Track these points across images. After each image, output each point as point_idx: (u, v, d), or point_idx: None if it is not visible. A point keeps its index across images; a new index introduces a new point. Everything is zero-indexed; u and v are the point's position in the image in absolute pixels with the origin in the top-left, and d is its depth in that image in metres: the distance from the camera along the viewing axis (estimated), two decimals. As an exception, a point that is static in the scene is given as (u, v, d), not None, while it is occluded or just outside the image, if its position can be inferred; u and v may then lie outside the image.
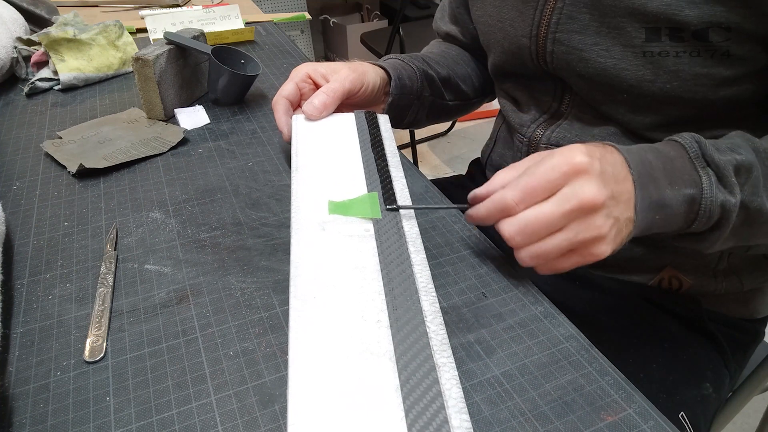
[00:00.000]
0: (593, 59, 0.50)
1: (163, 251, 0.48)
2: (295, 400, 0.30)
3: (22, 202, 0.55)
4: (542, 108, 0.59)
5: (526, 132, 0.60)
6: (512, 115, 0.63)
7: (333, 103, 0.55)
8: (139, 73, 0.66)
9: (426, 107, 0.68)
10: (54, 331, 0.41)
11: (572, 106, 0.56)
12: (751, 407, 0.63)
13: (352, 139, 0.52)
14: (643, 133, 0.52)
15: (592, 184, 0.37)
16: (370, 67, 0.60)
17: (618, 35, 0.47)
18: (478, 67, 0.74)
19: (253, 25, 1.03)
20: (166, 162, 0.61)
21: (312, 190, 0.46)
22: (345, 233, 0.41)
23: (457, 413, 0.29)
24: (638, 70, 0.48)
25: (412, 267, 0.38)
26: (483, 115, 2.43)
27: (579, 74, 0.52)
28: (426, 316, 0.35)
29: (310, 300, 0.36)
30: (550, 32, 0.52)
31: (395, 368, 0.32)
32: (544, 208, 0.37)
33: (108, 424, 0.34)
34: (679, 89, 0.47)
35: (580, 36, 0.50)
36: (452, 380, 0.31)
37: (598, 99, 0.53)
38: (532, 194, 0.38)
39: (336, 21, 2.76)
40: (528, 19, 0.54)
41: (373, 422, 0.29)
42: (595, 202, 0.36)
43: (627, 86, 0.49)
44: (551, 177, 0.37)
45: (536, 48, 0.54)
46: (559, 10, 0.51)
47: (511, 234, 0.39)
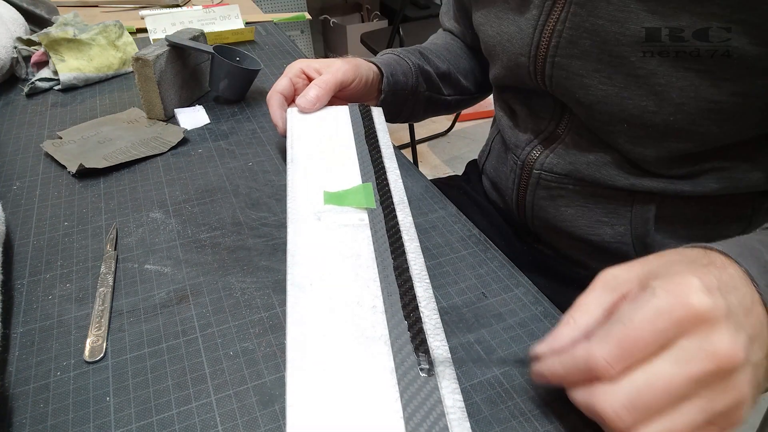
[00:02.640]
0: (594, 86, 0.48)
1: (163, 251, 0.48)
2: (293, 384, 0.30)
3: (22, 202, 0.55)
4: (539, 127, 0.58)
5: (520, 154, 0.59)
6: (508, 132, 0.62)
7: (326, 96, 0.55)
8: (139, 73, 0.66)
9: (422, 102, 0.68)
10: (54, 331, 0.41)
11: (570, 128, 0.55)
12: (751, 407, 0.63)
13: (346, 131, 0.53)
14: (642, 165, 0.50)
15: (725, 335, 0.26)
16: (363, 62, 0.61)
17: (621, 64, 0.46)
18: (480, 63, 0.74)
19: (253, 25, 1.03)
20: (166, 162, 0.61)
21: (307, 181, 0.46)
22: (340, 223, 0.42)
23: (450, 393, 0.30)
24: (641, 100, 0.46)
25: (406, 254, 0.39)
26: (483, 115, 2.43)
27: (578, 100, 0.50)
28: (420, 301, 0.35)
29: (306, 287, 0.36)
30: (549, 55, 0.50)
31: (390, 351, 0.32)
32: (660, 370, 0.27)
33: (108, 424, 0.34)
34: (684, 122, 0.45)
35: (581, 62, 0.48)
36: (446, 362, 0.32)
37: (597, 126, 0.51)
38: (633, 351, 0.27)
39: (336, 21, 2.76)
40: (527, 38, 0.52)
41: (369, 403, 0.30)
42: (735, 359, 0.26)
43: (628, 116, 0.47)
44: (659, 327, 0.27)
45: (535, 69, 0.52)
46: (558, 33, 0.48)
47: (617, 411, 0.27)
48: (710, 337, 0.26)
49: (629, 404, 0.27)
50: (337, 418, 0.29)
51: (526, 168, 0.59)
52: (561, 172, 0.56)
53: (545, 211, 0.59)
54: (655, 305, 0.27)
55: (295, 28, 2.35)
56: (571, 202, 0.57)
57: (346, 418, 0.29)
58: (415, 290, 0.36)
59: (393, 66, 0.63)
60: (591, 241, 0.57)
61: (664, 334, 0.27)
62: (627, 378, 0.27)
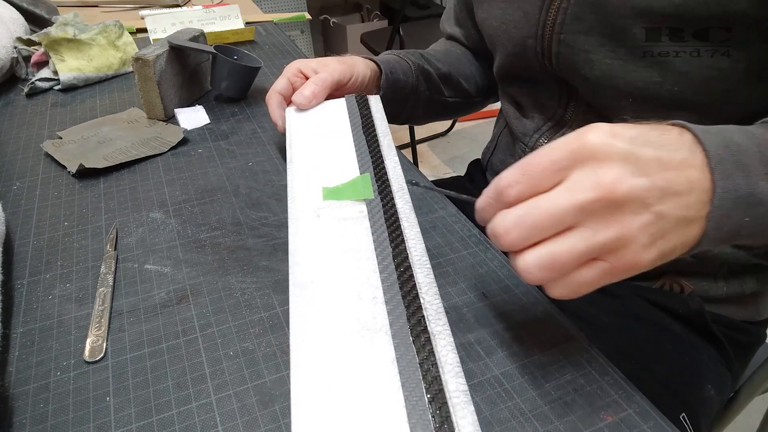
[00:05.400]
0: (600, 60, 0.49)
1: (163, 251, 0.48)
2: (297, 382, 0.31)
3: (22, 202, 0.55)
4: (546, 115, 0.59)
5: (528, 141, 0.60)
6: (515, 122, 0.63)
7: (322, 92, 0.55)
8: (139, 73, 0.66)
9: (422, 102, 0.68)
10: (54, 331, 0.41)
11: (577, 113, 0.56)
12: (752, 407, 0.63)
13: (343, 124, 0.53)
14: None
15: (612, 170, 0.28)
16: (361, 60, 0.61)
17: (624, 37, 0.47)
18: (482, 67, 0.74)
19: (253, 25, 1.03)
20: (166, 162, 0.61)
21: (307, 179, 0.46)
22: (339, 217, 0.42)
23: (453, 377, 0.30)
24: (645, 71, 0.47)
25: (406, 242, 0.39)
26: (484, 115, 2.43)
27: (584, 77, 0.51)
28: (420, 288, 0.35)
29: (308, 285, 0.36)
30: (555, 33, 0.51)
31: (391, 342, 0.32)
32: (550, 195, 0.30)
33: (108, 424, 0.34)
34: (689, 92, 0.46)
35: (586, 36, 0.49)
36: (448, 347, 0.32)
37: (603, 104, 0.52)
38: (531, 174, 0.30)
39: (336, 21, 2.76)
40: (533, 20, 0.53)
41: (371, 393, 0.30)
42: (616, 192, 0.28)
43: (634, 89, 0.48)
44: (555, 156, 0.30)
45: (542, 49, 0.54)
46: (563, 10, 0.50)
47: (506, 226, 0.30)
48: (597, 170, 0.29)
49: (517, 221, 0.30)
50: (341, 412, 0.29)
51: None
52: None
53: None
54: (559, 140, 0.30)
55: (295, 28, 2.35)
56: None
57: (349, 412, 0.29)
58: (416, 277, 0.36)
59: (392, 64, 0.63)
60: None
61: (559, 164, 0.29)
62: (523, 203, 0.30)
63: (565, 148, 0.29)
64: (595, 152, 0.29)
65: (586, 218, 0.29)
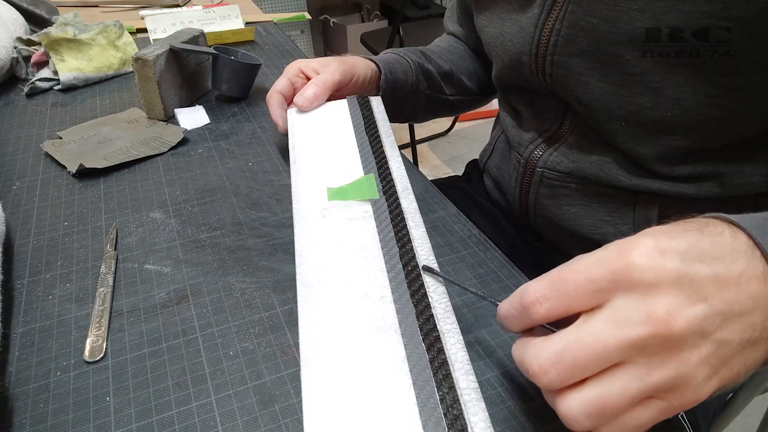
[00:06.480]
0: (592, 84, 0.48)
1: (163, 251, 0.48)
2: (308, 382, 0.31)
3: (22, 202, 0.55)
4: (543, 126, 0.58)
5: (523, 152, 0.60)
6: (512, 130, 0.63)
7: (323, 94, 0.56)
8: (139, 73, 0.66)
9: (423, 101, 0.68)
10: (54, 331, 0.41)
11: (573, 128, 0.55)
12: (752, 407, 0.63)
13: (346, 125, 0.53)
14: (643, 165, 0.50)
15: (665, 299, 0.24)
16: (361, 60, 0.61)
17: (615, 62, 0.46)
18: (483, 65, 0.74)
19: (253, 25, 1.03)
20: (166, 162, 0.61)
21: (311, 179, 0.47)
22: (345, 217, 0.42)
23: (464, 375, 0.30)
24: (638, 97, 0.46)
25: (413, 241, 0.39)
26: (483, 115, 2.43)
27: (578, 98, 0.50)
28: (428, 287, 0.35)
29: (316, 285, 0.37)
30: (548, 54, 0.51)
31: (401, 340, 0.32)
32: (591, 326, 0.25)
33: (108, 424, 0.34)
34: (681, 117, 0.46)
35: (578, 60, 0.48)
36: (457, 344, 0.32)
37: (597, 125, 0.51)
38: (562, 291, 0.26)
39: (336, 21, 2.76)
40: (528, 37, 0.52)
41: (382, 392, 0.30)
42: (673, 327, 0.24)
43: (626, 113, 0.47)
44: (593, 274, 0.25)
45: (536, 67, 0.53)
46: (557, 31, 0.49)
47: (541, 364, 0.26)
48: (647, 299, 0.24)
49: (555, 358, 0.25)
50: (353, 411, 0.29)
51: (530, 166, 0.59)
52: (564, 170, 0.56)
53: (548, 209, 0.59)
54: (597, 255, 0.26)
55: (295, 28, 2.35)
56: (573, 201, 0.57)
57: (362, 411, 0.29)
58: (423, 276, 0.36)
59: (392, 64, 0.63)
60: (593, 240, 0.57)
61: (597, 284, 0.25)
62: (561, 335, 0.26)
63: (605, 266, 0.25)
64: (642, 276, 0.24)
65: (636, 355, 0.24)
